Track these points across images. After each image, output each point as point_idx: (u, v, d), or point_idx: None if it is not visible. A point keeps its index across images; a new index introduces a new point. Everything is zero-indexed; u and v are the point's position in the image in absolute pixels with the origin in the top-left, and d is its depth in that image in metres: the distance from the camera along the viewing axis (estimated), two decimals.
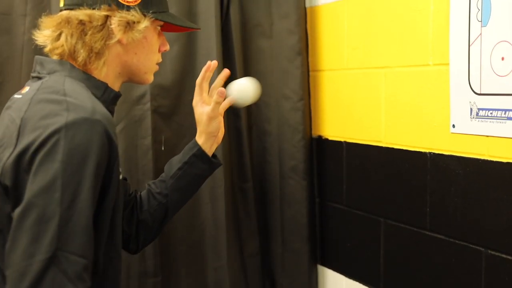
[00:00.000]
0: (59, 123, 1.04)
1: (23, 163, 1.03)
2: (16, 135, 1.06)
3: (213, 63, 1.43)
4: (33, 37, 1.24)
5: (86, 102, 1.09)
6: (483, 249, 1.61)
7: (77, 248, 1.02)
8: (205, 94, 1.44)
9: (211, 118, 1.41)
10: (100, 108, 1.11)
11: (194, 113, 1.45)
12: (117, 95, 1.26)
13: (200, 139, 1.43)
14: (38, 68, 1.21)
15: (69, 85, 1.14)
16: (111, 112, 1.23)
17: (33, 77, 1.22)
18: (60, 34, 1.20)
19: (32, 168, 1.02)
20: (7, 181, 1.05)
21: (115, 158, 1.10)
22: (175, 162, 1.44)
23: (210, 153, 1.44)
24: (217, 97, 1.39)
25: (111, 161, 1.09)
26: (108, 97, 1.22)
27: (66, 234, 1.00)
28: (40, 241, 0.99)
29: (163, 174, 1.45)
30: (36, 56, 1.23)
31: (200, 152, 1.42)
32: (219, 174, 2.13)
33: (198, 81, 1.44)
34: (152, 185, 1.45)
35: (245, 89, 1.44)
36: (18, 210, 1.01)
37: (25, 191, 1.02)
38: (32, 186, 1.01)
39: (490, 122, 1.56)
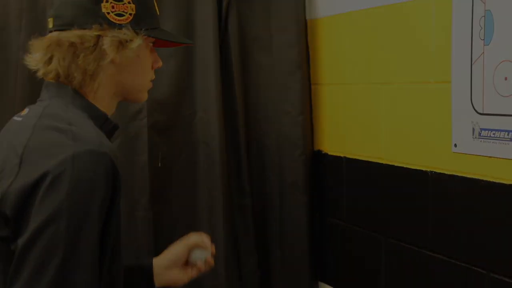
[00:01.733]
0: (65, 154, 1.01)
1: (28, 196, 1.00)
2: (18, 163, 1.03)
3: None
4: (24, 62, 1.20)
5: (92, 134, 1.07)
6: (485, 272, 1.58)
7: (79, 285, 0.98)
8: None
9: (181, 279, 1.44)
10: (106, 141, 1.09)
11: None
12: (115, 127, 1.23)
13: (159, 269, 1.42)
14: (43, 92, 1.19)
15: (73, 114, 1.11)
16: None
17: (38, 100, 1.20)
18: (51, 58, 1.16)
19: (36, 199, 0.99)
20: (8, 211, 1.02)
21: (119, 190, 1.06)
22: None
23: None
24: (205, 269, 1.44)
25: (114, 193, 1.05)
26: (107, 128, 1.18)
27: (69, 269, 0.97)
28: (43, 274, 0.97)
29: None
30: (45, 81, 1.20)
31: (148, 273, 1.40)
32: (217, 190, 2.10)
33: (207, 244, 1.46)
34: None
35: None
36: (22, 241, 0.99)
37: (29, 223, 0.98)
38: (37, 217, 0.98)
39: (493, 142, 1.53)
